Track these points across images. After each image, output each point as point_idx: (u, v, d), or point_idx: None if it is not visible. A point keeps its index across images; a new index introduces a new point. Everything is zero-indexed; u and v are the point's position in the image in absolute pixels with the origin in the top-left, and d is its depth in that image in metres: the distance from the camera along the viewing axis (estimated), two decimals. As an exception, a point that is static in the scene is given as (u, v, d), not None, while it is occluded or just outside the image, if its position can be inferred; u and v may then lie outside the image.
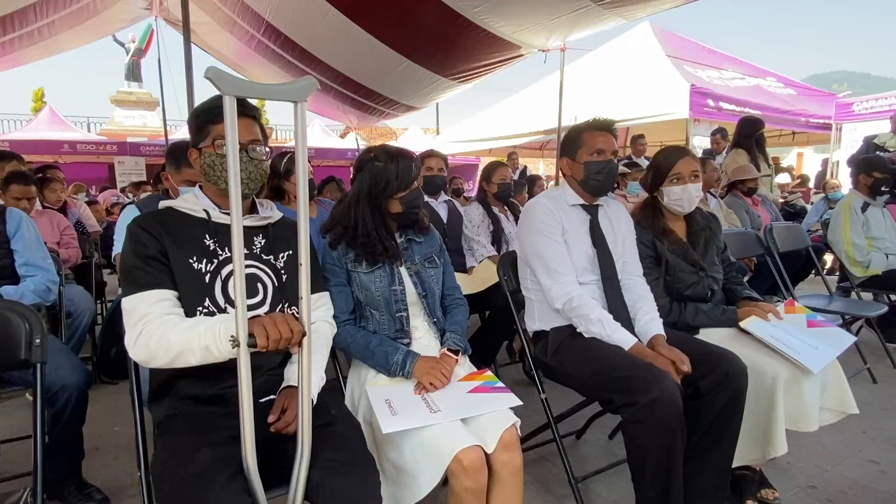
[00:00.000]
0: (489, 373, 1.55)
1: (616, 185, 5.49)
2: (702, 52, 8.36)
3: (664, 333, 1.69)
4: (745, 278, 3.46)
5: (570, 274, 1.69)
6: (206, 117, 1.29)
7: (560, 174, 1.97)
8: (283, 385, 1.27)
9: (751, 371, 1.61)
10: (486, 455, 1.28)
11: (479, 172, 3.23)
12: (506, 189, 3.05)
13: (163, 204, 1.34)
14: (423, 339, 1.61)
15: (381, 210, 1.57)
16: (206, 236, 1.28)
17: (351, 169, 1.76)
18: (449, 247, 2.92)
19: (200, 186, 1.38)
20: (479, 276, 2.75)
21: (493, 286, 2.58)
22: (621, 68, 7.78)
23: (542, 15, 5.49)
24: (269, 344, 1.03)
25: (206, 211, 1.30)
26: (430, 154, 3.01)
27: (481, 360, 2.88)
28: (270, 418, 1.17)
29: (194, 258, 1.25)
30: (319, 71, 7.15)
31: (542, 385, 1.83)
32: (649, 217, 1.98)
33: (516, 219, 3.16)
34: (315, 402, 1.24)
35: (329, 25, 5.83)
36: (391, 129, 20.66)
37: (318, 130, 14.93)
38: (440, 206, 2.95)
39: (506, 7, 5.19)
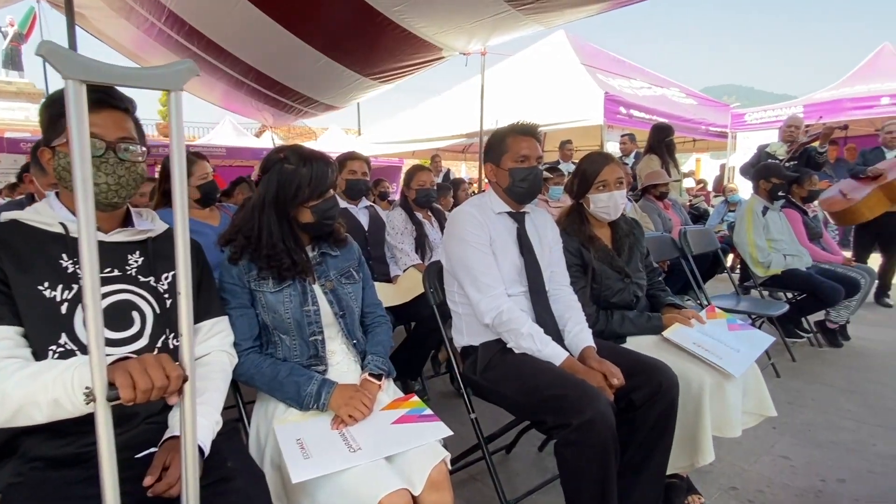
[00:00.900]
0: (416, 398, 1.41)
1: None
2: (613, 61, 8.76)
3: (594, 345, 1.64)
4: (661, 278, 3.60)
5: (498, 286, 1.59)
6: (60, 108, 1.05)
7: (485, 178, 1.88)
8: (167, 435, 1.05)
9: (679, 379, 1.60)
10: (413, 497, 1.14)
11: (402, 176, 3.09)
12: (425, 194, 2.93)
13: (6, 216, 1.07)
14: (342, 364, 1.44)
15: (289, 219, 1.38)
16: (64, 256, 1.04)
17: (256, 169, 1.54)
18: (371, 255, 2.76)
19: (57, 194, 1.12)
20: (404, 286, 2.61)
21: (419, 296, 2.45)
22: (539, 74, 7.96)
23: (463, 17, 5.46)
24: (137, 395, 0.82)
25: (62, 224, 1.05)
26: (352, 157, 2.82)
27: (408, 373, 2.74)
28: (147, 480, 0.95)
29: (46, 284, 1.00)
30: (230, 65, 6.68)
31: (471, 404, 1.72)
32: (575, 224, 1.94)
33: (441, 224, 3.05)
34: (207, 452, 1.03)
35: (240, 17, 5.43)
36: (310, 128, 19.97)
37: (229, 128, 14.06)
38: (360, 212, 2.76)
39: (426, 8, 5.10)
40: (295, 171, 1.34)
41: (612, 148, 6.59)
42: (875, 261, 4.49)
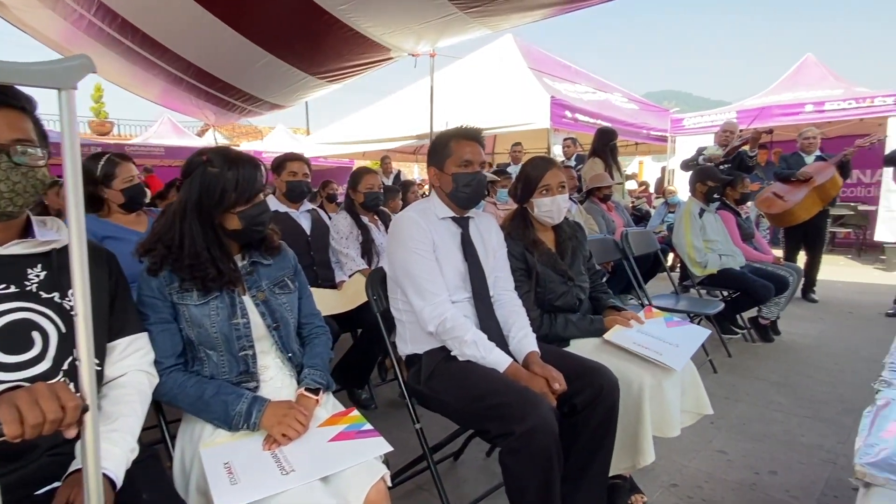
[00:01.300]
0: (356, 413, 1.35)
1: (486, 192, 5.60)
2: (559, 66, 8.95)
3: (538, 349, 1.64)
4: (605, 279, 3.68)
5: (442, 293, 1.56)
6: None
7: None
8: (72, 468, 0.95)
9: (620, 381, 1.62)
10: (350, 519, 1.08)
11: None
12: (374, 198, 2.86)
13: None
14: (275, 379, 1.36)
15: (214, 226, 1.29)
16: None
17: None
18: (315, 260, 2.67)
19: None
20: (350, 292, 2.53)
21: (366, 302, 2.38)
22: (488, 77, 8.02)
23: (410, 18, 5.42)
24: (26, 431, 0.73)
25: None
26: (291, 157, 2.72)
27: (354, 382, 2.67)
28: (46, 520, 0.86)
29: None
30: (167, 61, 6.35)
31: (416, 414, 1.68)
32: (519, 229, 1.93)
33: (388, 228, 2.99)
34: (120, 484, 0.94)
35: (178, 11, 5.16)
36: (256, 127, 19.36)
37: (168, 127, 13.41)
38: (302, 216, 2.67)
39: (372, 8, 5.02)
40: (219, 174, 1.26)
41: (558, 150, 6.73)
42: (801, 259, 4.79)
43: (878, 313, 4.40)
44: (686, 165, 5.14)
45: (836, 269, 6.42)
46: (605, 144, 4.79)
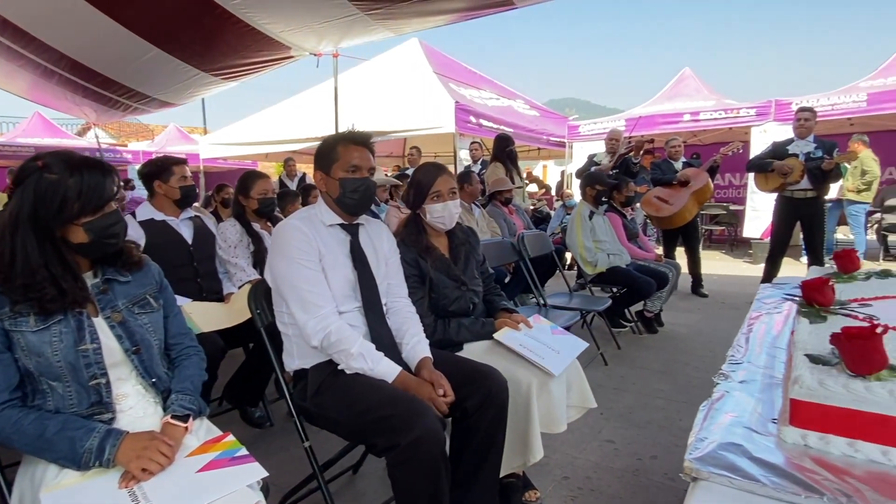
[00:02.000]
0: (231, 438, 1.26)
1: (390, 196, 5.56)
2: (464, 71, 9.13)
3: (430, 355, 1.63)
4: (507, 279, 3.79)
5: (326, 305, 1.51)
6: None
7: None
8: None
9: (509, 381, 1.66)
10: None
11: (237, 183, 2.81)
12: (268, 204, 2.72)
13: None
14: (136, 408, 1.23)
15: (54, 239, 1.14)
16: None
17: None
18: (199, 272, 2.48)
19: None
20: (238, 305, 2.37)
21: (255, 315, 2.25)
22: (394, 81, 7.99)
23: (310, 17, 5.26)
24: None
25: None
26: (177, 161, 2.51)
27: (247, 400, 2.52)
28: None
29: None
30: (35, 51, 5.65)
31: (304, 431, 1.61)
32: (413, 235, 1.92)
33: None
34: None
35: (46, -2, 4.61)
36: (146, 125, 17.87)
37: (38, 125, 11.96)
38: (183, 224, 2.47)
39: (269, 4, 4.81)
40: (58, 181, 1.11)
41: (465, 155, 6.85)
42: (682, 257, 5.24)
43: (745, 302, 4.86)
44: (580, 173, 5.44)
45: (712, 264, 7.10)
46: (503, 150, 4.94)
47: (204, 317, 2.21)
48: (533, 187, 8.35)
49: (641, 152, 5.17)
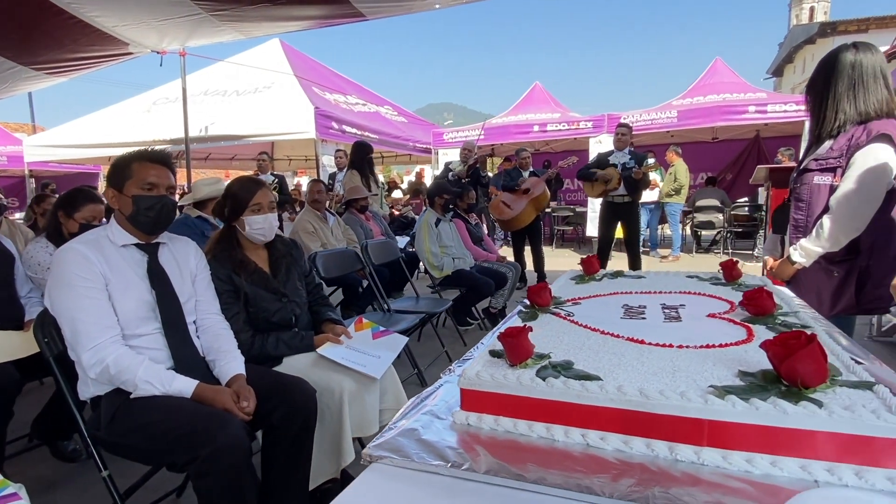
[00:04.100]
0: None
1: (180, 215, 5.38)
2: (330, 75, 9.07)
3: (243, 371, 1.66)
4: (366, 284, 3.88)
5: (102, 336, 1.46)
6: None
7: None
8: None
9: (323, 390, 1.76)
10: None
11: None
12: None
13: None
14: None
15: None
16: None
17: None
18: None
19: None
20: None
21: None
22: (252, 82, 7.70)
23: (146, 14, 4.93)
24: None
25: None
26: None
27: (60, 433, 2.33)
28: None
29: None
30: None
31: (102, 461, 1.56)
32: (226, 251, 1.93)
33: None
34: None
35: None
36: (-44, 122, 15.13)
37: None
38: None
39: (94, -5, 4.41)
40: None
41: (329, 161, 6.83)
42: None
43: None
44: (437, 180, 5.73)
45: (561, 261, 7.83)
46: (362, 158, 5.04)
47: (-5, 348, 2.01)
48: (397, 193, 8.55)
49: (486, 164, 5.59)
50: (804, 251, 1.77)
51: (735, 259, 1.58)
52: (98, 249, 1.54)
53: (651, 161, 7.26)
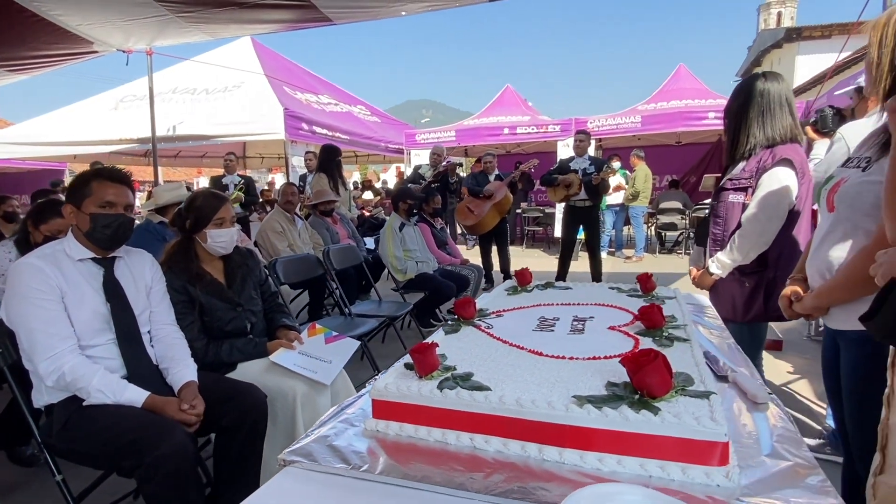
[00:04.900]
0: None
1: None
2: (302, 74, 9.06)
3: (195, 378, 1.74)
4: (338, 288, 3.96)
5: (60, 346, 1.54)
6: None
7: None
8: None
9: (276, 394, 1.85)
10: None
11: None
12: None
13: None
14: None
15: None
16: None
17: None
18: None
19: None
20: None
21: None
22: (222, 80, 7.65)
23: (111, 13, 4.92)
24: None
25: None
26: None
27: (18, 438, 2.37)
28: None
29: None
30: None
31: (56, 466, 1.63)
32: (181, 262, 2.00)
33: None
34: None
35: None
36: (-89, 115, 14.60)
37: None
38: None
39: (56, -5, 4.39)
40: None
41: (298, 162, 6.86)
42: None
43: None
44: (405, 183, 5.84)
45: (529, 261, 8.01)
46: (329, 160, 5.11)
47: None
48: (368, 194, 8.61)
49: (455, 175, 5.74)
50: (720, 263, 1.94)
51: (649, 273, 1.73)
52: (54, 263, 1.60)
53: (616, 165, 7.53)
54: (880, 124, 1.31)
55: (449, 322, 1.39)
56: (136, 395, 1.58)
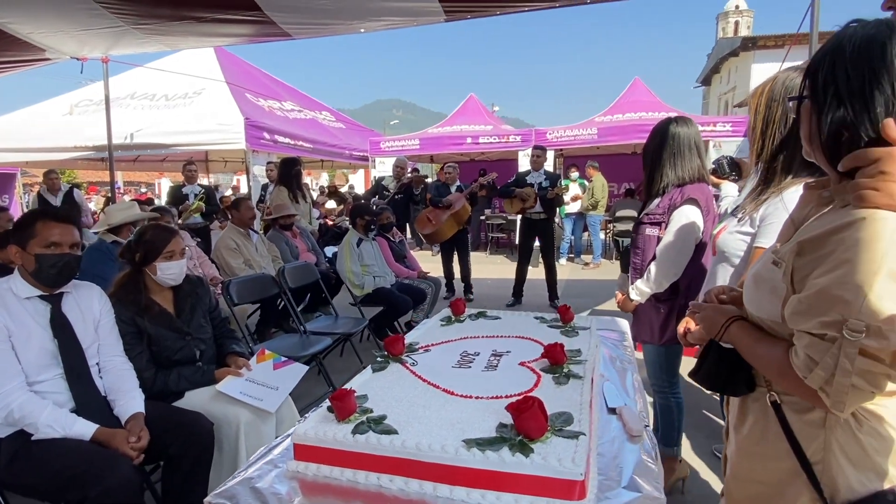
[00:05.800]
0: None
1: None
2: (265, 80, 9.00)
3: (142, 409, 1.82)
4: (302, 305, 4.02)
5: (7, 384, 1.60)
6: None
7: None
8: None
9: (221, 422, 1.93)
10: None
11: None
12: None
13: None
14: None
15: None
16: None
17: None
18: None
19: None
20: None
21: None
22: (182, 87, 7.54)
23: (64, 23, 4.85)
24: None
25: None
26: None
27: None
28: None
29: None
30: None
31: (5, 500, 1.68)
32: (130, 294, 2.06)
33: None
34: None
35: None
36: None
37: None
38: None
39: (9, 3, 4.31)
40: None
41: (260, 171, 6.85)
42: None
43: (503, 304, 5.88)
44: (368, 197, 5.93)
45: (492, 267, 8.21)
46: (289, 173, 5.16)
47: None
48: (331, 203, 8.65)
49: (421, 185, 5.86)
50: (639, 291, 2.12)
51: (567, 305, 1.89)
52: (0, 303, 1.66)
53: (574, 175, 7.78)
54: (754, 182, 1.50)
55: (378, 359, 1.51)
56: (84, 429, 1.65)
